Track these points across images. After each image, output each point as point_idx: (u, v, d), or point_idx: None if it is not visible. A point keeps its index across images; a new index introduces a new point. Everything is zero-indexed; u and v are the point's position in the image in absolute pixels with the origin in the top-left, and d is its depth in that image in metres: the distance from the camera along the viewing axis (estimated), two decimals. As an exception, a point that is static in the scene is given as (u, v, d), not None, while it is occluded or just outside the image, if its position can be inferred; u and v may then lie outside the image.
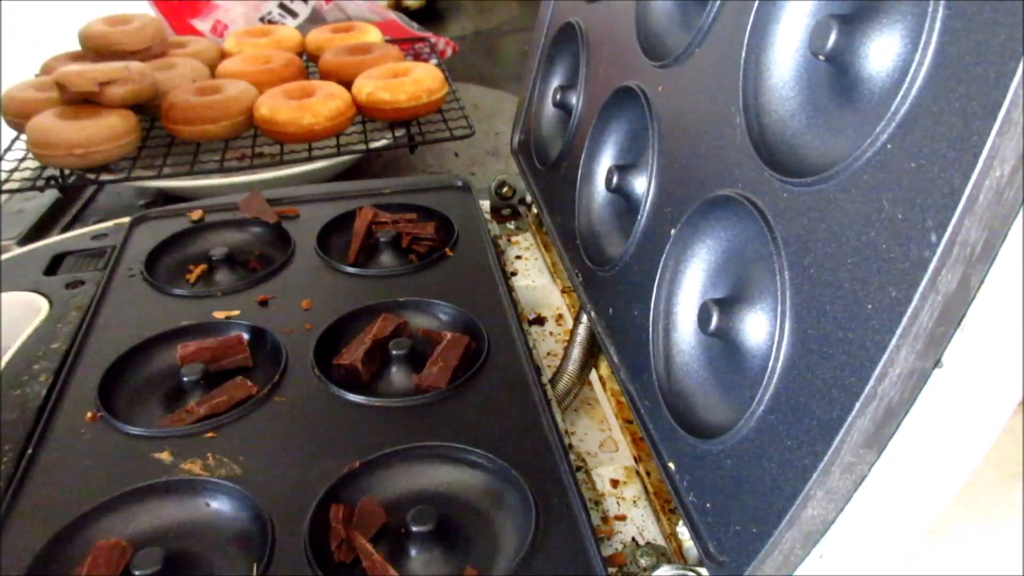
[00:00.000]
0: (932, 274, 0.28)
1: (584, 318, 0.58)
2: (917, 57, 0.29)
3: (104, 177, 0.78)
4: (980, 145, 0.26)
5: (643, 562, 0.43)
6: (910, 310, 0.28)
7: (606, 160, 0.58)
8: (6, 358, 0.58)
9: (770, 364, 0.35)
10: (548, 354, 0.64)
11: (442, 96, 0.90)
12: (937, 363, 0.29)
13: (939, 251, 0.27)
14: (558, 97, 0.67)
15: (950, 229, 0.27)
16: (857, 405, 0.30)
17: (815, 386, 0.33)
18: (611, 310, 0.52)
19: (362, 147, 0.90)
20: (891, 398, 0.30)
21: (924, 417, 0.30)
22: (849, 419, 0.30)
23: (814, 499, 0.32)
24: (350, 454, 0.47)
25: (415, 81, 0.88)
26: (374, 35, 1.11)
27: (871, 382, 0.30)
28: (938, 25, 0.29)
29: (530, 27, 0.76)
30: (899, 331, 0.29)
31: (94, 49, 0.97)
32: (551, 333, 0.67)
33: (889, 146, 0.31)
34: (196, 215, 0.72)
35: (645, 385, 0.46)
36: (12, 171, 0.76)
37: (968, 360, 0.29)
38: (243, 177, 0.88)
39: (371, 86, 0.88)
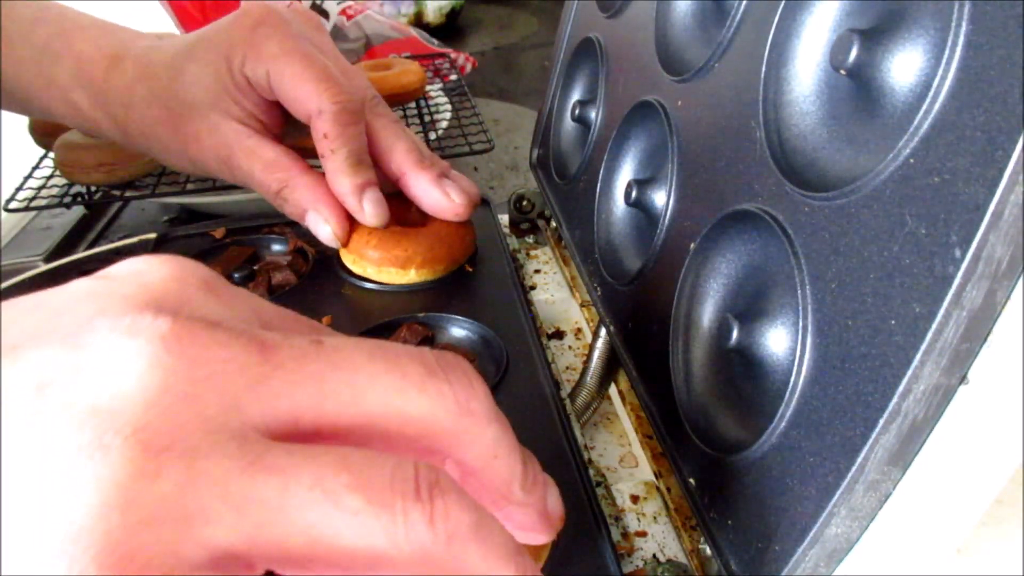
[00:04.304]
0: (957, 289, 0.27)
1: (603, 332, 0.58)
2: (940, 72, 0.29)
3: (129, 193, 0.79)
4: (1005, 160, 0.26)
5: (664, 579, 0.43)
6: (934, 325, 0.28)
7: (625, 174, 0.58)
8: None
9: (791, 379, 0.35)
10: (567, 368, 0.64)
11: (420, 87, 0.92)
12: (963, 379, 0.29)
13: (964, 266, 0.27)
14: (577, 112, 0.67)
15: (975, 244, 0.27)
16: (881, 421, 0.30)
17: (838, 402, 0.32)
18: (630, 324, 0.52)
19: (383, 162, 0.90)
20: (916, 415, 0.29)
21: (950, 434, 0.30)
22: (873, 436, 0.30)
23: (837, 517, 0.31)
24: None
25: (396, 75, 0.90)
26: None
27: (895, 398, 0.29)
28: (961, 40, 0.29)
29: (549, 43, 0.76)
30: (923, 347, 0.28)
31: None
32: (570, 347, 0.67)
33: (912, 160, 0.30)
34: (219, 233, 0.73)
35: (665, 400, 0.45)
36: (40, 188, 0.78)
37: (995, 376, 0.29)
38: (265, 192, 0.88)
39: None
